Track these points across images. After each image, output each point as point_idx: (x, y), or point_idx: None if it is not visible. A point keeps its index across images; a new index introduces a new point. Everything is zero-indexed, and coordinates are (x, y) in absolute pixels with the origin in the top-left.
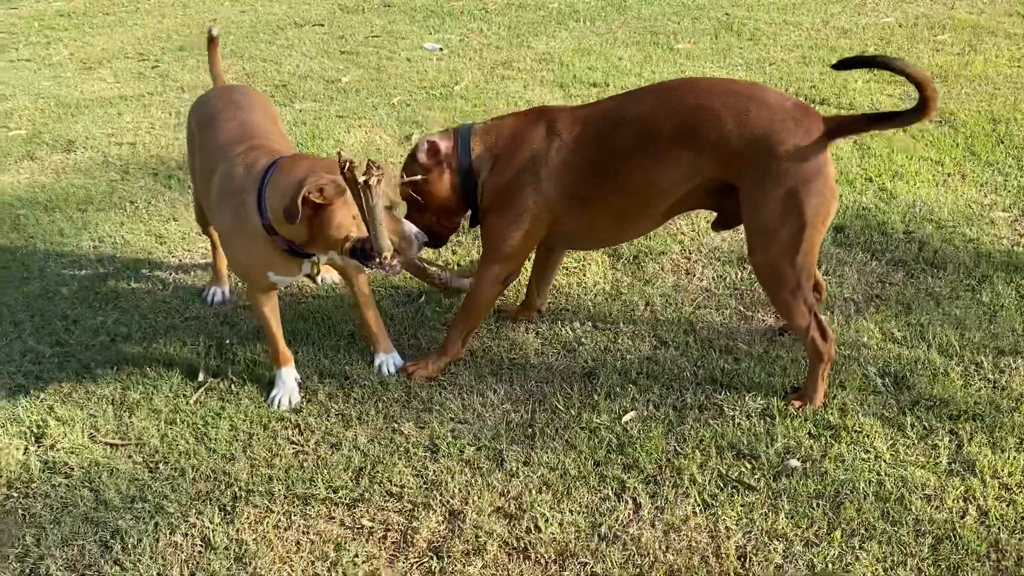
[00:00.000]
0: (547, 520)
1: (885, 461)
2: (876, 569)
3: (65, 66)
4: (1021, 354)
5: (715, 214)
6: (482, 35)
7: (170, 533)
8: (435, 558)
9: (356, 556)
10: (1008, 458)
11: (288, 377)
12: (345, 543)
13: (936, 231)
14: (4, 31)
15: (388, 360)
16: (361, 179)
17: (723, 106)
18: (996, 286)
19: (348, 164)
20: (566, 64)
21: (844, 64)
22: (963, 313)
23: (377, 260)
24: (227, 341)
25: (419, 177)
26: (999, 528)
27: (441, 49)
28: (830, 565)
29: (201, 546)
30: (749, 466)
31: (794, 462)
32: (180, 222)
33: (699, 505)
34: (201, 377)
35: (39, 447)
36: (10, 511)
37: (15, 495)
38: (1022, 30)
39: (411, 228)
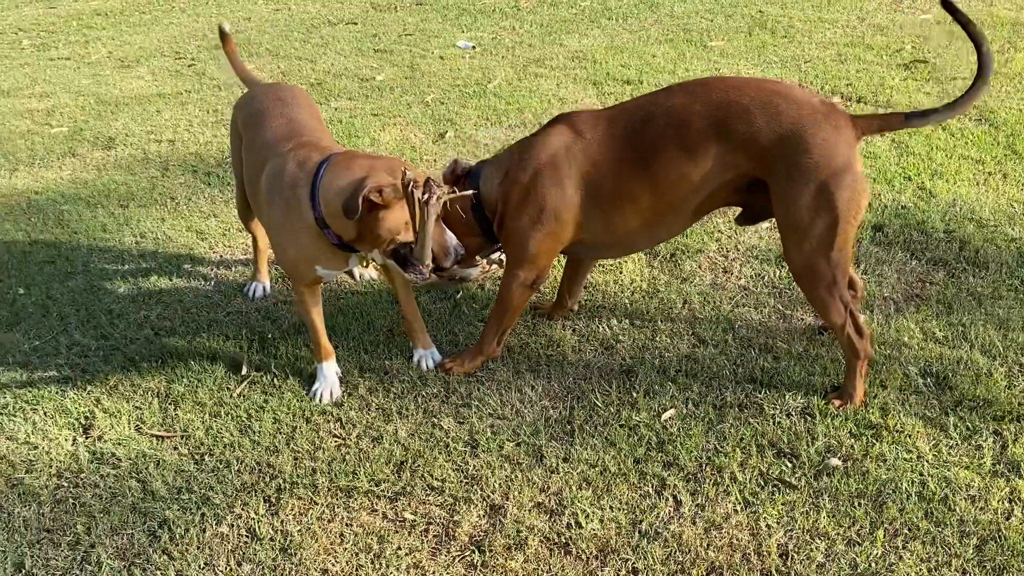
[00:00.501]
0: (588, 516)
1: (928, 461)
2: (920, 569)
3: (104, 64)
4: None
5: (740, 210)
6: (514, 33)
7: (216, 524)
8: (476, 552)
9: (399, 549)
10: None
11: (330, 371)
12: (388, 535)
13: (977, 230)
14: (44, 30)
15: (427, 355)
16: (423, 198)
17: (752, 101)
18: None
19: (411, 183)
20: (599, 62)
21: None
22: (1006, 313)
23: (413, 266)
24: (269, 335)
25: (470, 192)
26: None
27: (474, 47)
28: (873, 564)
29: (247, 537)
30: (790, 465)
31: (835, 461)
32: (220, 218)
33: (740, 503)
34: (244, 371)
35: (87, 438)
36: (61, 500)
37: (65, 484)
38: None
39: (452, 239)
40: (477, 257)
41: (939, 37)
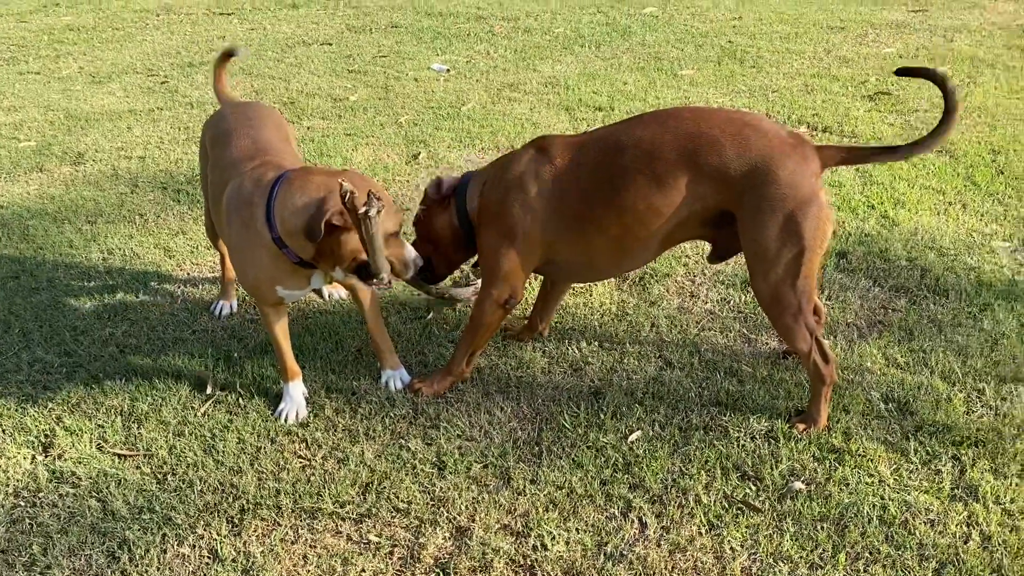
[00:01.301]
0: (554, 538)
1: (889, 485)
2: None
3: (75, 79)
4: (1022, 382)
5: (710, 247)
6: (489, 57)
7: (178, 544)
8: (442, 574)
9: (363, 571)
10: (1011, 484)
11: (295, 391)
12: (352, 558)
13: (938, 259)
14: (14, 44)
15: (395, 376)
16: (361, 210)
17: (722, 132)
18: (997, 314)
19: (349, 194)
20: (572, 88)
21: (904, 72)
22: (965, 340)
23: (374, 280)
24: (235, 354)
25: (420, 209)
26: (1002, 554)
27: (448, 70)
28: None
29: (209, 558)
30: (754, 488)
31: (798, 484)
32: (189, 236)
33: (704, 526)
34: (209, 390)
35: (47, 456)
36: (17, 520)
37: (22, 504)
38: (1020, 63)
39: (410, 253)
40: (470, 275)
41: None
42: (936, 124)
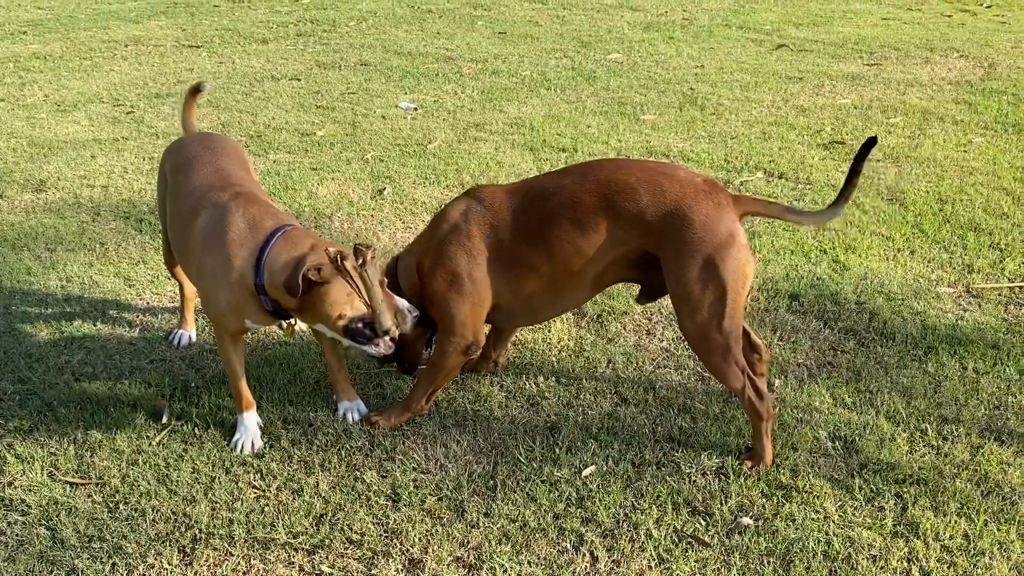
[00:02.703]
0: (506, 571)
1: (834, 521)
2: None
3: (39, 107)
4: (963, 423)
5: (639, 287)
6: (456, 97)
7: (128, 574)
8: None
9: None
10: (950, 522)
11: (250, 422)
12: None
13: (886, 303)
14: None
15: (352, 408)
16: (357, 263)
17: (638, 180)
18: (941, 357)
19: (338, 254)
20: (536, 129)
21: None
22: (910, 382)
23: (378, 341)
24: (192, 384)
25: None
26: None
27: (416, 108)
28: None
29: None
30: (703, 522)
31: (747, 520)
32: (150, 265)
33: (654, 559)
34: (165, 419)
35: None
36: None
37: None
38: (967, 117)
39: (402, 302)
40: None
41: (856, 121)
42: (838, 193)
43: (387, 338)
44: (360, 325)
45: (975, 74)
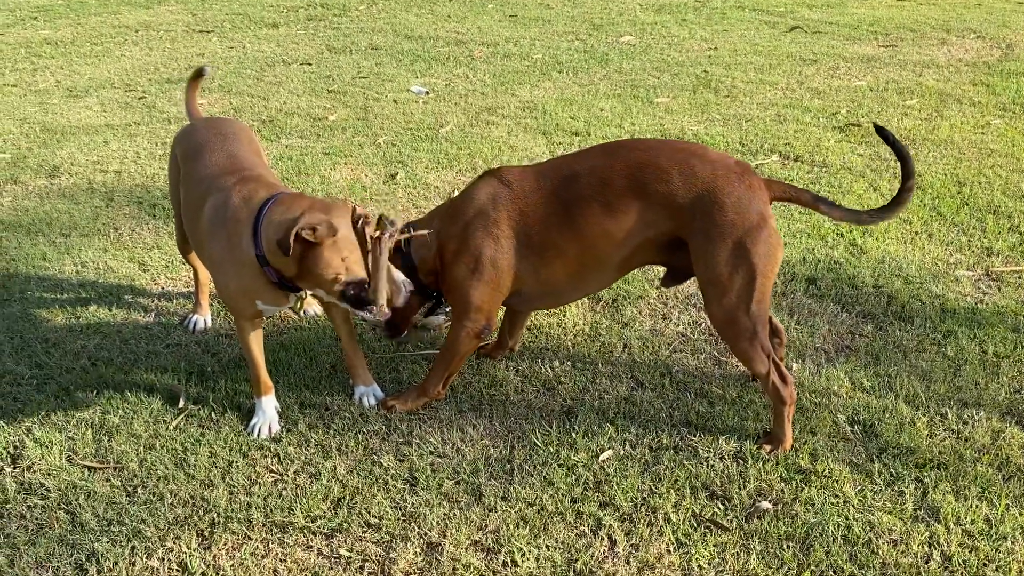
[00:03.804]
0: (524, 555)
1: (853, 506)
2: None
3: (52, 93)
4: (983, 406)
5: (664, 271)
6: (468, 81)
7: (147, 557)
8: None
9: None
10: (971, 506)
11: (268, 406)
12: (323, 572)
13: (904, 286)
14: None
15: (368, 392)
16: (375, 234)
17: (669, 161)
18: (960, 341)
19: (362, 219)
20: (549, 113)
21: (881, 131)
22: (929, 366)
23: (373, 308)
24: (208, 369)
25: (425, 232)
26: (962, 573)
27: (427, 92)
28: None
29: (178, 571)
30: (722, 507)
31: (765, 504)
32: (164, 250)
33: (673, 544)
34: (181, 403)
35: (15, 468)
36: None
37: None
38: (984, 99)
39: (400, 276)
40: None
41: (872, 103)
42: (894, 196)
43: (384, 306)
44: (355, 291)
45: (992, 55)
